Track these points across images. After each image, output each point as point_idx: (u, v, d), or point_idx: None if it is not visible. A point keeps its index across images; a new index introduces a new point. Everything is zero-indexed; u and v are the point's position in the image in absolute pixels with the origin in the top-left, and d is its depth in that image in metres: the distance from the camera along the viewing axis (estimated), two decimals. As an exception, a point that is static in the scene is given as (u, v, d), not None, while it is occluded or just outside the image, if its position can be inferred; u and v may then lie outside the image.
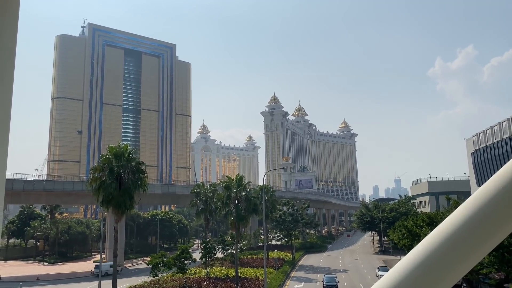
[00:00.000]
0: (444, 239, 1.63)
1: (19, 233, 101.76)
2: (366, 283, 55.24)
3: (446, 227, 1.66)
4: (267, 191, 72.47)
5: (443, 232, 1.66)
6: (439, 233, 1.66)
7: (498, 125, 67.03)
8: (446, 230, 1.65)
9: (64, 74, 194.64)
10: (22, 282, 57.11)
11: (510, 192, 1.63)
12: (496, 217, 1.60)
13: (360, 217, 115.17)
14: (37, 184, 79.53)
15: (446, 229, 1.66)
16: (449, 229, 1.64)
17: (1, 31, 1.61)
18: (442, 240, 1.64)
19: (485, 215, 1.61)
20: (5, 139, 1.64)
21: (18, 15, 1.67)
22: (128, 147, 43.37)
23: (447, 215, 1.72)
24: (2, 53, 1.62)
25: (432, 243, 1.65)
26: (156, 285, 46.38)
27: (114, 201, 39.77)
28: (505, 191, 1.62)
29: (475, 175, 74.89)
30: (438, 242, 1.64)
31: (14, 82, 1.69)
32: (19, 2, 1.68)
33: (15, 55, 1.68)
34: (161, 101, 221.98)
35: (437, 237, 1.66)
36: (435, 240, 1.65)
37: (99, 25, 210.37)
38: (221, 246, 67.00)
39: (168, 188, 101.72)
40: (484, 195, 1.64)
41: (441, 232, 1.66)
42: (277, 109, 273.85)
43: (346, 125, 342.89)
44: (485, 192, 1.65)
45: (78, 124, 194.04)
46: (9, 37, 1.63)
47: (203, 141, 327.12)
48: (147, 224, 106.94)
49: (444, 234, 1.65)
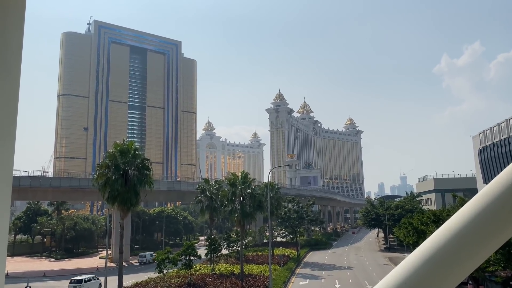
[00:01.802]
0: (451, 236, 1.62)
1: (26, 229, 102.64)
2: (372, 280, 55.14)
3: (453, 224, 1.65)
4: (272, 188, 72.39)
5: (450, 229, 1.64)
6: (446, 230, 1.65)
7: (505, 122, 66.49)
8: (454, 227, 1.64)
9: (70, 71, 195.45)
10: (29, 278, 57.56)
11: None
12: (503, 215, 1.59)
13: (365, 214, 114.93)
14: (43, 180, 80.00)
15: (454, 226, 1.64)
16: (457, 226, 1.63)
17: (7, 29, 1.61)
18: (449, 237, 1.62)
19: (492, 213, 1.60)
20: (12, 136, 1.65)
21: (24, 13, 1.67)
22: (133, 144, 43.47)
23: (453, 213, 1.72)
24: (9, 51, 1.62)
25: (439, 240, 1.64)
26: (161, 281, 46.56)
27: (119, 198, 39.92)
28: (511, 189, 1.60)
29: (482, 172, 74.40)
30: (445, 239, 1.63)
31: (20, 79, 1.69)
32: (25, 0, 1.69)
33: (22, 53, 1.69)
34: (167, 98, 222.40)
35: (444, 234, 1.65)
36: (442, 237, 1.64)
37: (105, 22, 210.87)
38: (226, 243, 67.20)
39: (173, 185, 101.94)
40: (491, 193, 1.63)
41: (448, 229, 1.65)
42: (282, 106, 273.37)
43: (351, 122, 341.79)
44: (492, 189, 1.64)
45: (84, 121, 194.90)
46: (15, 35, 1.63)
47: (208, 138, 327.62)
48: (153, 221, 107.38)
49: (451, 231, 1.63)
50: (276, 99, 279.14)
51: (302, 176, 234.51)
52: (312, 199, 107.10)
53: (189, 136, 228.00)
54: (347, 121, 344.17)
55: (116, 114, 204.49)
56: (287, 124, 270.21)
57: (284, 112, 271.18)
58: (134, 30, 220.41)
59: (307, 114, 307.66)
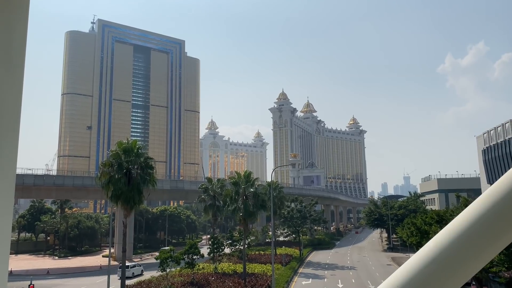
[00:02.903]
0: (455, 237, 1.61)
1: (29, 227, 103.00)
2: (374, 280, 55.03)
3: (457, 225, 1.64)
4: (275, 187, 72.37)
5: (454, 230, 1.63)
6: (451, 231, 1.64)
7: (510, 122, 66.11)
8: (458, 228, 1.63)
9: (74, 70, 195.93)
10: (33, 276, 57.75)
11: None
12: (508, 216, 1.58)
13: (368, 214, 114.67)
14: (47, 179, 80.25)
15: (458, 227, 1.63)
16: (461, 227, 1.62)
17: (11, 27, 1.60)
18: (453, 238, 1.61)
19: (496, 214, 1.59)
20: (15, 134, 1.64)
21: (28, 11, 1.67)
22: (137, 142, 43.51)
23: (457, 213, 1.74)
24: (12, 49, 1.61)
25: (443, 241, 1.63)
26: (164, 280, 46.64)
27: (123, 196, 39.98)
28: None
29: (486, 172, 74.05)
30: (450, 240, 1.62)
31: (24, 78, 1.69)
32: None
33: (26, 51, 1.68)
34: (170, 97, 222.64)
35: (448, 235, 1.64)
36: (446, 238, 1.63)
37: (109, 21, 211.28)
38: (229, 242, 67.19)
39: (176, 183, 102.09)
40: (496, 194, 1.62)
41: (453, 230, 1.64)
42: (286, 106, 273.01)
43: (354, 122, 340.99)
44: (497, 190, 1.62)
45: (87, 119, 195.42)
46: (19, 33, 1.63)
47: (212, 137, 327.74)
48: (156, 220, 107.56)
49: (456, 232, 1.62)
50: (280, 98, 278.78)
51: (305, 175, 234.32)
52: (315, 198, 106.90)
53: (192, 135, 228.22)
54: (351, 120, 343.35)
55: (119, 113, 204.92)
56: (290, 124, 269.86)
57: (287, 112, 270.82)
58: (138, 29, 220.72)
59: (310, 114, 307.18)
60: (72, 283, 57.15)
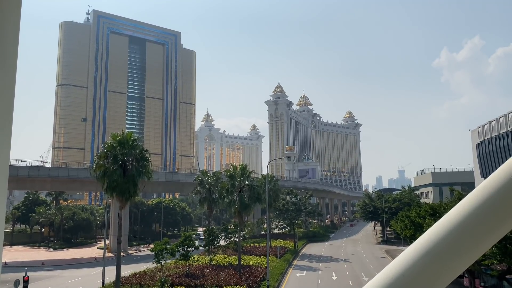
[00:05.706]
0: (449, 230, 1.63)
1: (24, 219, 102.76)
2: (368, 272, 55.49)
3: (451, 218, 1.66)
4: (270, 180, 72.49)
5: (448, 223, 1.65)
6: (444, 224, 1.66)
7: (504, 116, 66.42)
8: (452, 221, 1.65)
9: (68, 61, 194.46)
10: (27, 267, 57.57)
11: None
12: (501, 210, 1.59)
13: (363, 207, 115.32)
14: (42, 170, 79.93)
15: (452, 220, 1.65)
16: (454, 221, 1.64)
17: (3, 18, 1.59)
18: (447, 231, 1.63)
19: (490, 207, 1.60)
20: (8, 125, 1.63)
21: (21, 3, 1.66)
22: (132, 134, 43.31)
23: (451, 206, 1.76)
24: (5, 40, 1.60)
25: (437, 234, 1.65)
26: (159, 271, 46.78)
27: (118, 188, 39.87)
28: (510, 183, 1.61)
29: (480, 166, 74.51)
30: (443, 233, 1.63)
31: (17, 69, 1.68)
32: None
33: (18, 42, 1.66)
34: (166, 89, 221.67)
35: (442, 228, 1.65)
36: (440, 231, 1.65)
37: (104, 12, 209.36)
38: (224, 234, 67.41)
39: (172, 176, 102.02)
40: (490, 187, 1.63)
41: (446, 223, 1.65)
42: (282, 99, 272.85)
43: (350, 115, 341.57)
44: (491, 184, 1.64)
45: (82, 111, 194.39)
46: (12, 24, 1.61)
47: (207, 129, 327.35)
48: (151, 212, 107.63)
49: (449, 225, 1.64)
50: (276, 91, 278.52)
51: (301, 168, 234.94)
52: (310, 191, 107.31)
53: (187, 128, 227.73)
54: (346, 114, 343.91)
55: (114, 105, 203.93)
56: (286, 117, 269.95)
57: (283, 105, 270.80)
58: (133, 20, 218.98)
59: (306, 107, 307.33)
60: (67, 275, 57.18)
